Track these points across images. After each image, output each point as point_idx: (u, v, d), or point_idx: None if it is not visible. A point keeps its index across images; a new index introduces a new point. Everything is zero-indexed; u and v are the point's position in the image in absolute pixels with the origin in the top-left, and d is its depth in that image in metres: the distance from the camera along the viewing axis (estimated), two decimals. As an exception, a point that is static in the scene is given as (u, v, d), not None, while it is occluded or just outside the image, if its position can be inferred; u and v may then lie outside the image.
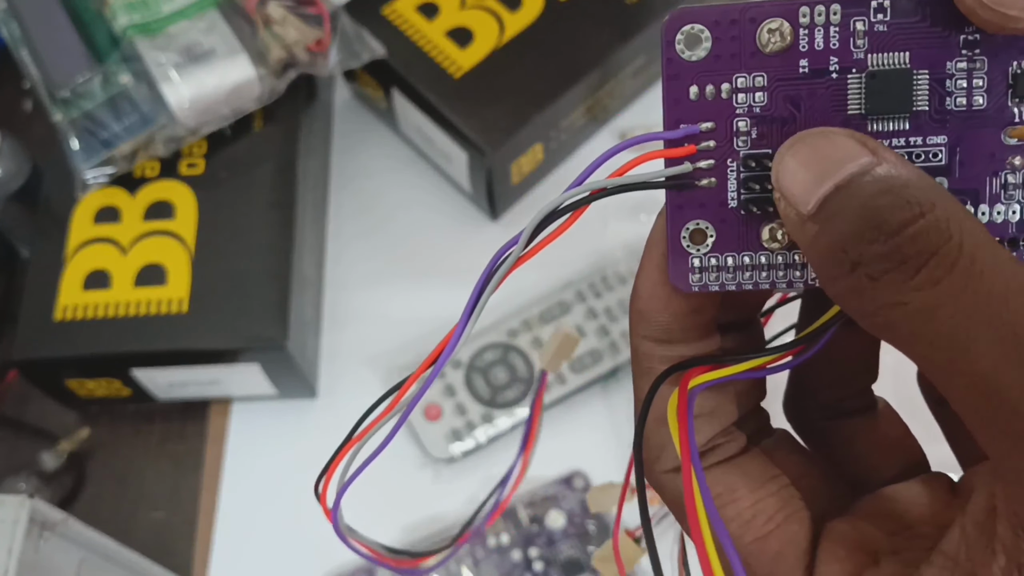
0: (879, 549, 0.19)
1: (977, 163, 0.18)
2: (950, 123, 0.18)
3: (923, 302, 0.15)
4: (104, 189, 0.50)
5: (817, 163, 0.17)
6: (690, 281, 0.19)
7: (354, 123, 0.60)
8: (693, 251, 0.19)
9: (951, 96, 0.18)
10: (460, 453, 0.49)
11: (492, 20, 0.55)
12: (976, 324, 0.15)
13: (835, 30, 0.18)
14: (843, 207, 0.16)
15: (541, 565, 0.47)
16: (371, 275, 0.55)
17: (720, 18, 0.18)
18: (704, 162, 0.19)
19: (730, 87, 0.19)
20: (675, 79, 0.19)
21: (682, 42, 0.18)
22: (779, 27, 0.18)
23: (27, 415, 0.53)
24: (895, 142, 0.18)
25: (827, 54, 0.18)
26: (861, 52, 0.18)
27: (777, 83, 0.18)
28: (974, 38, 0.18)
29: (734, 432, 0.21)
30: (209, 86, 0.49)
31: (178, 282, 0.48)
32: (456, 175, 0.55)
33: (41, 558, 0.34)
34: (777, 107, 0.18)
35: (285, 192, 0.50)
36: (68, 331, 0.47)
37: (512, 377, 0.51)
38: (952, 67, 0.18)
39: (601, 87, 0.55)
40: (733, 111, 0.19)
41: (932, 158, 0.18)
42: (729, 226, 0.19)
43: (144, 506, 0.50)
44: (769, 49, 0.18)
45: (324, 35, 0.51)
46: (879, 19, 0.18)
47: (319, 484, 0.21)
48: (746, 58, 0.18)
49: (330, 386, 0.52)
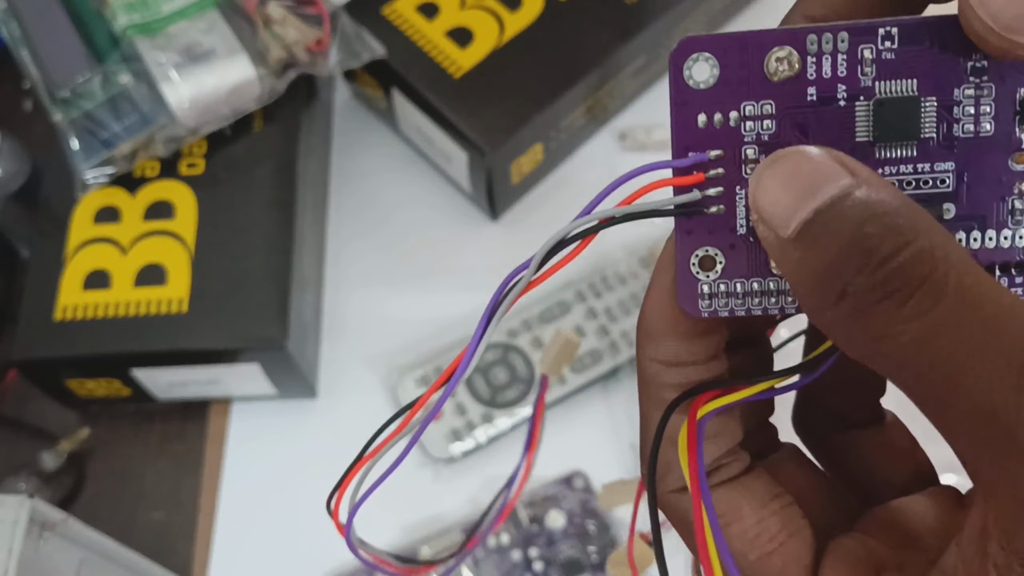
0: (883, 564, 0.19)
1: (985, 189, 0.18)
2: (957, 149, 0.18)
3: (914, 332, 0.15)
4: (104, 189, 0.50)
5: (796, 184, 0.16)
6: (700, 307, 0.19)
7: (354, 123, 0.60)
8: (702, 277, 0.19)
9: (958, 122, 0.18)
10: (460, 453, 0.49)
11: (492, 20, 0.55)
12: (968, 351, 0.15)
13: (843, 58, 0.18)
14: (827, 232, 0.16)
15: (541, 565, 0.47)
16: (371, 275, 0.55)
17: (728, 46, 0.18)
18: (713, 189, 0.19)
19: (738, 115, 0.19)
20: (683, 106, 0.19)
21: (691, 70, 0.18)
22: (787, 55, 0.18)
23: (27, 415, 0.53)
24: (903, 168, 0.18)
25: (835, 82, 0.18)
26: (869, 79, 0.18)
27: (785, 111, 0.18)
28: (981, 65, 0.18)
29: (739, 452, 0.21)
30: (209, 86, 0.49)
31: (178, 282, 0.48)
32: (456, 175, 0.55)
33: (41, 558, 0.34)
34: (785, 135, 0.19)
35: (285, 192, 0.50)
36: (68, 331, 0.47)
37: (512, 377, 0.51)
38: (960, 94, 0.18)
39: (601, 87, 0.55)
40: (741, 139, 0.19)
41: (940, 184, 0.18)
42: (738, 252, 0.19)
43: (144, 506, 0.50)
44: (777, 78, 0.18)
45: (324, 35, 0.51)
46: (887, 47, 0.18)
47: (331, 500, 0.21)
48: (754, 86, 0.18)
49: (330, 386, 0.52)
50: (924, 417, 0.16)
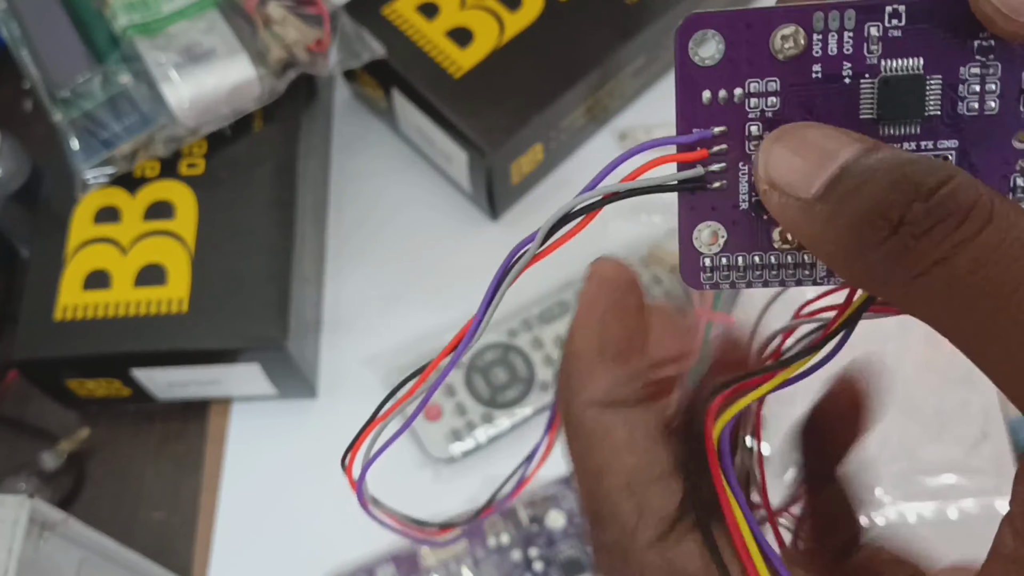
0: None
1: (987, 166, 0.18)
2: (962, 127, 0.18)
3: (968, 254, 0.15)
4: (104, 189, 0.51)
5: (809, 151, 0.17)
6: (702, 280, 0.20)
7: (354, 123, 0.60)
8: (705, 251, 0.19)
9: (963, 101, 0.18)
10: (460, 453, 0.49)
11: (492, 20, 0.55)
12: (1020, 268, 0.15)
13: (849, 35, 0.18)
14: (867, 179, 0.16)
15: (541, 565, 0.47)
16: (371, 275, 0.55)
17: (734, 23, 0.18)
18: (716, 165, 0.19)
19: (743, 92, 0.19)
20: (688, 83, 0.19)
21: (696, 47, 0.19)
22: (793, 33, 0.18)
23: (27, 415, 0.53)
24: (906, 146, 0.18)
25: (840, 59, 0.18)
26: (875, 57, 0.18)
27: (790, 88, 0.18)
28: (988, 44, 0.18)
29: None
30: (209, 86, 0.49)
31: (178, 282, 0.48)
32: (456, 175, 0.55)
33: (41, 558, 0.34)
34: (790, 111, 0.19)
35: (285, 192, 0.50)
36: (68, 331, 0.47)
37: (512, 377, 0.51)
38: (965, 72, 0.18)
39: (601, 87, 0.55)
40: (746, 115, 0.19)
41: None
42: (740, 227, 0.19)
43: (144, 506, 0.50)
44: (783, 55, 0.18)
45: (324, 35, 0.51)
46: (893, 24, 0.18)
47: (345, 458, 0.21)
48: (759, 63, 0.18)
49: (330, 386, 0.52)
50: (925, 417, 0.16)
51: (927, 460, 0.47)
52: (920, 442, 0.47)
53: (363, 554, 0.48)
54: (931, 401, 0.48)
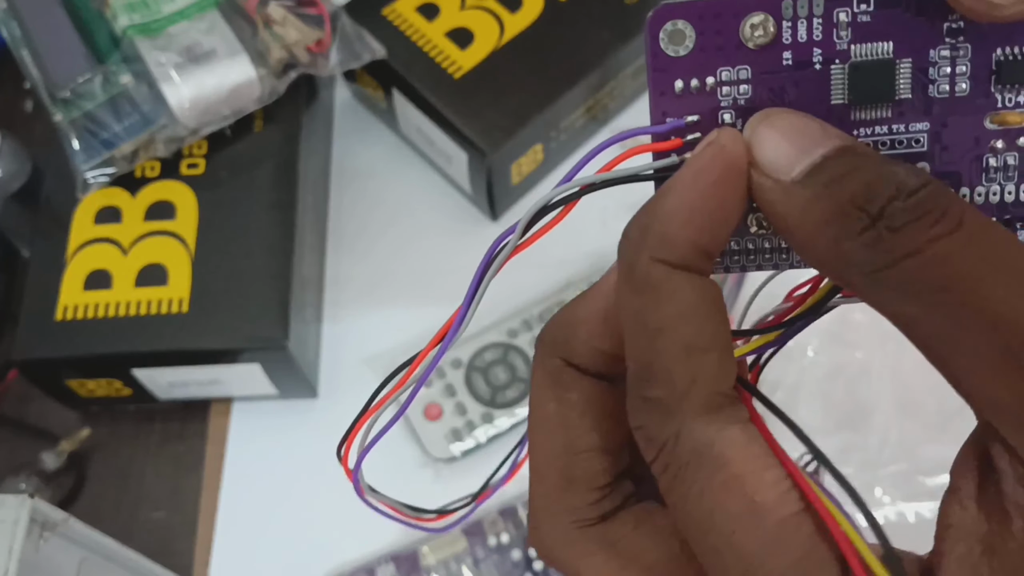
0: None
1: (960, 147, 0.19)
2: (933, 110, 0.18)
3: (938, 249, 0.16)
4: (105, 189, 0.51)
5: (796, 135, 0.17)
6: None
7: (354, 123, 0.60)
8: None
9: (934, 83, 0.18)
10: (460, 453, 0.49)
11: (492, 20, 0.55)
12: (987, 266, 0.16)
13: (818, 22, 0.18)
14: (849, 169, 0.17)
15: (541, 565, 0.47)
16: (371, 275, 0.55)
17: (704, 13, 0.18)
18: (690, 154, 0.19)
19: (714, 80, 0.19)
20: (660, 73, 0.19)
21: (666, 37, 0.19)
22: (762, 21, 0.18)
23: (27, 415, 0.53)
24: (878, 130, 0.19)
25: (810, 46, 0.18)
26: (844, 43, 0.18)
27: (761, 76, 0.19)
28: (958, 26, 0.18)
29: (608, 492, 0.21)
30: (209, 86, 0.49)
31: (179, 282, 0.48)
32: (456, 175, 0.55)
33: (42, 558, 0.34)
34: (761, 99, 0.19)
35: (285, 192, 0.51)
36: (69, 331, 0.47)
37: (512, 377, 0.51)
38: (935, 55, 0.18)
39: (601, 87, 0.55)
40: (718, 104, 0.19)
41: (914, 144, 0.19)
42: None
43: (145, 506, 0.50)
44: (753, 43, 0.18)
45: (324, 35, 0.51)
46: (862, 9, 0.18)
47: (341, 448, 0.22)
48: (730, 51, 0.19)
49: (330, 386, 0.52)
50: (925, 417, 0.16)
51: (927, 460, 0.47)
52: (920, 442, 0.47)
53: (363, 554, 0.48)
54: (931, 401, 0.47)
